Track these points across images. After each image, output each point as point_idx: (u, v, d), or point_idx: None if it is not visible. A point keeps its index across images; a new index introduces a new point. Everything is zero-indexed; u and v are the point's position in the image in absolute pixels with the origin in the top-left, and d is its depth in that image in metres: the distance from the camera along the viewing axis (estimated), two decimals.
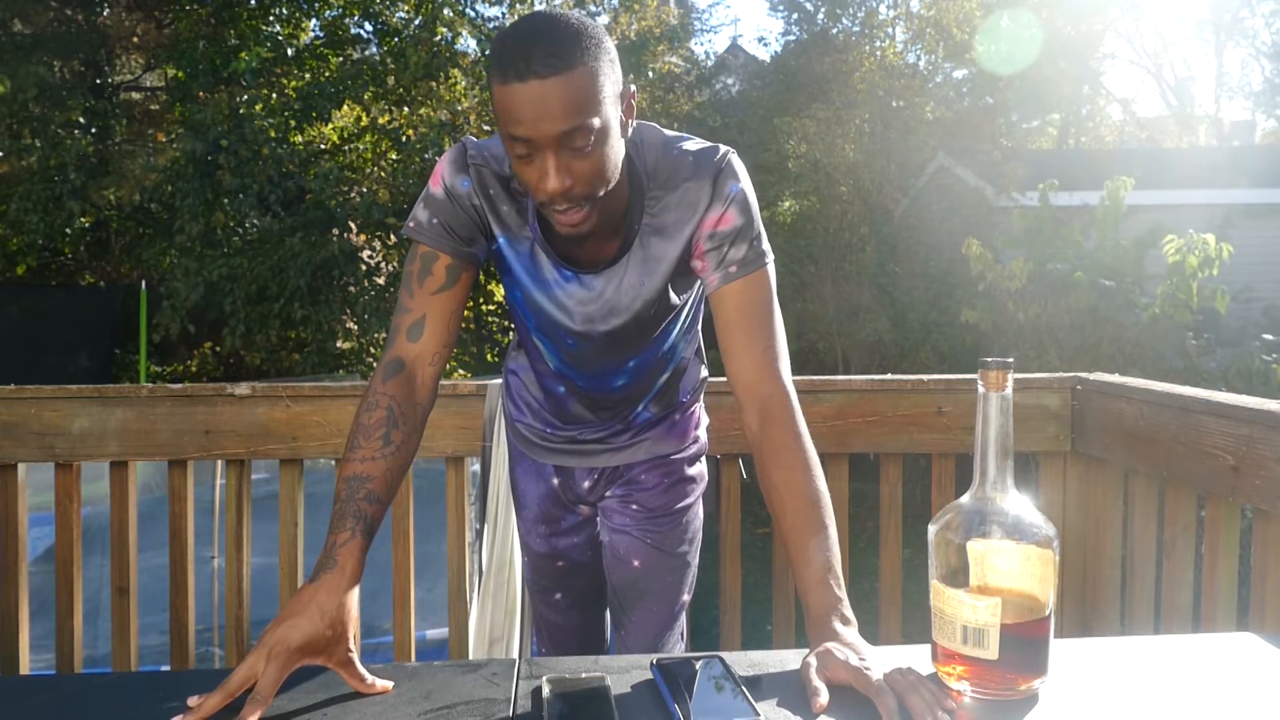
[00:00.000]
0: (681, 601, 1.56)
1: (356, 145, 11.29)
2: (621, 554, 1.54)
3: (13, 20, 9.84)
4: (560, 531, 1.57)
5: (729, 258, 1.20)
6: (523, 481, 1.59)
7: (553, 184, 1.06)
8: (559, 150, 1.05)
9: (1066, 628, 1.92)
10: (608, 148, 1.08)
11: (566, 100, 1.02)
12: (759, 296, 1.21)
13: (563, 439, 1.52)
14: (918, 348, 8.46)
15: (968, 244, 6.10)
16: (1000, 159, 10.24)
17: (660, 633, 1.54)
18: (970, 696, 0.89)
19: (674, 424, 1.53)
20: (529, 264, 1.29)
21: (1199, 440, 1.55)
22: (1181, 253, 5.35)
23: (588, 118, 1.03)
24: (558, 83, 1.01)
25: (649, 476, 1.52)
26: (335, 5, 11.09)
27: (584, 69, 1.03)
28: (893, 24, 13.57)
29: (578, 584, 1.62)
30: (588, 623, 1.65)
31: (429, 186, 1.24)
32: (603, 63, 1.05)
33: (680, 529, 1.54)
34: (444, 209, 1.22)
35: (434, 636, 3.04)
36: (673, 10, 16.26)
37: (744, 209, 1.21)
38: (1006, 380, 0.89)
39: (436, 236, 1.21)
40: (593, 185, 1.09)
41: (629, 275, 1.26)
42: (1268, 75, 18.98)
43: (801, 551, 1.07)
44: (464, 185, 1.22)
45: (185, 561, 1.95)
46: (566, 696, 0.90)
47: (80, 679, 1.03)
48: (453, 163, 1.24)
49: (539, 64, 1.01)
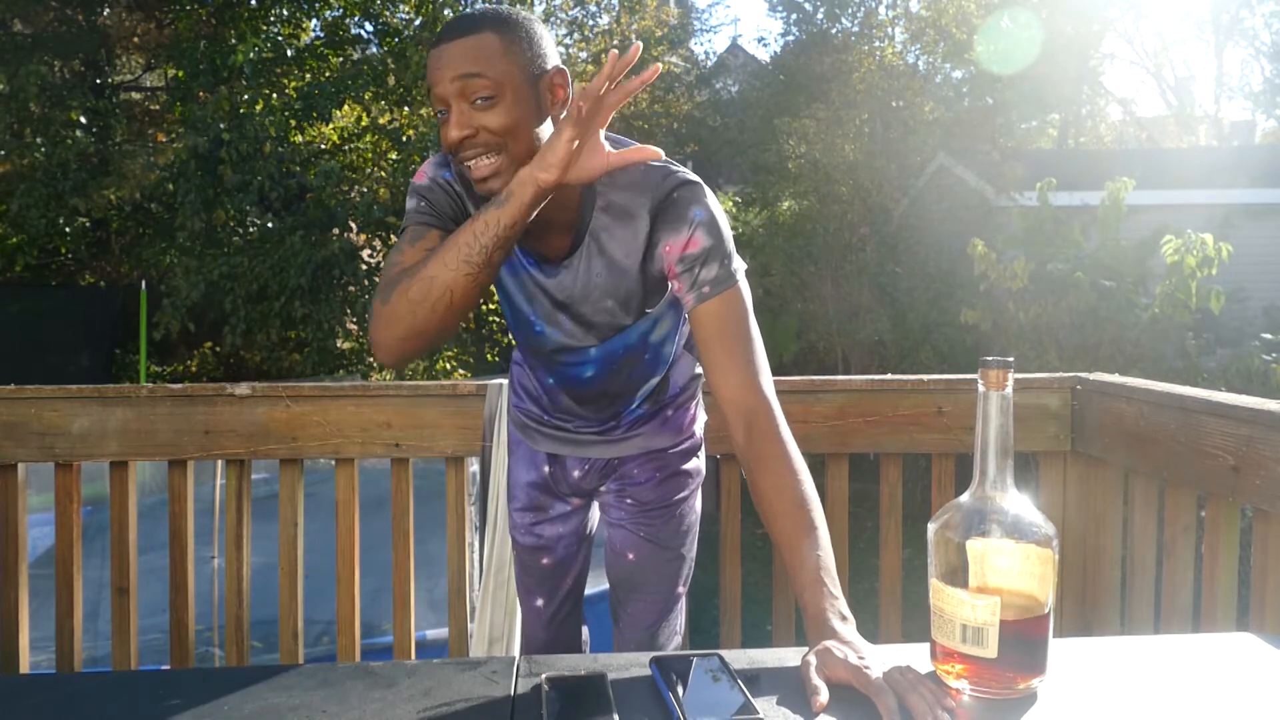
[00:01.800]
0: (677, 593, 1.58)
1: (357, 145, 11.29)
2: (617, 548, 1.58)
3: (13, 20, 9.84)
4: (548, 519, 1.60)
5: (701, 278, 1.24)
6: (515, 469, 1.62)
7: (454, 132, 1.15)
8: (459, 103, 1.15)
9: (1066, 627, 1.92)
10: (514, 107, 1.16)
11: (464, 54, 1.14)
12: (734, 313, 1.24)
13: (555, 425, 1.55)
14: (918, 348, 8.46)
15: (972, 244, 6.09)
16: (1000, 159, 10.24)
17: (655, 623, 1.57)
18: (969, 695, 0.89)
19: (666, 419, 1.55)
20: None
21: (1199, 440, 1.55)
22: (1180, 253, 5.35)
23: (482, 69, 1.14)
24: (459, 43, 1.15)
25: (642, 471, 1.55)
26: (336, 5, 11.09)
27: (488, 35, 1.15)
28: (892, 24, 13.58)
29: (561, 588, 1.64)
30: (561, 639, 1.68)
31: (413, 181, 1.32)
32: (512, 36, 1.16)
33: (675, 523, 1.56)
34: (431, 193, 1.29)
35: (434, 636, 3.03)
36: (672, 10, 16.27)
37: (711, 230, 1.24)
38: (1007, 380, 0.89)
39: (425, 216, 1.28)
40: (496, 137, 1.15)
41: (591, 267, 1.30)
42: (1268, 75, 18.98)
43: (794, 553, 1.09)
44: (445, 175, 1.31)
45: (185, 561, 1.95)
46: (566, 694, 0.90)
47: (80, 678, 1.03)
48: (434, 161, 1.33)
49: (447, 32, 1.16)
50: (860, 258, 9.81)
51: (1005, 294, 6.19)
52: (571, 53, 14.74)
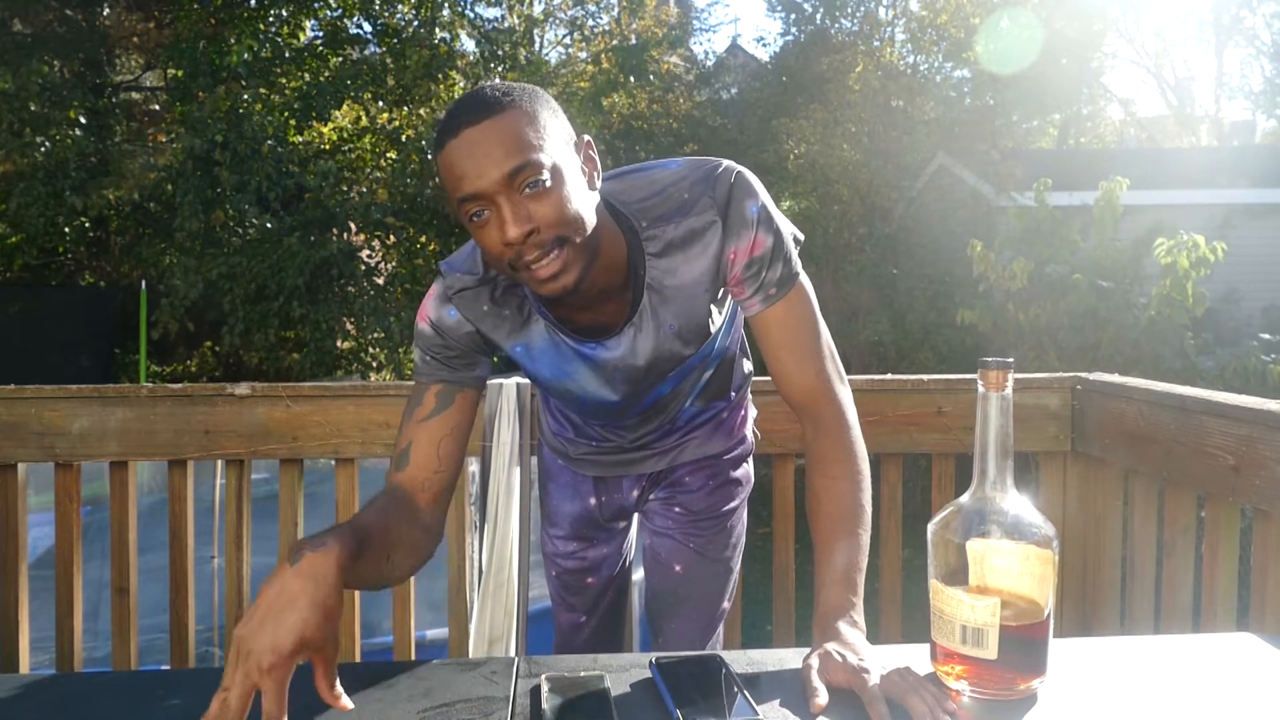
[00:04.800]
0: (722, 609, 1.52)
1: (356, 145, 11.29)
2: (663, 558, 1.51)
3: (13, 20, 9.83)
4: (593, 545, 1.55)
5: (767, 280, 1.15)
6: (556, 498, 1.55)
7: (512, 231, 0.97)
8: (510, 195, 0.98)
9: (1066, 628, 1.92)
10: (566, 188, 1.00)
11: (503, 138, 0.97)
12: (803, 314, 1.18)
13: (608, 450, 1.46)
14: (917, 349, 8.45)
15: (971, 245, 6.09)
16: (1000, 159, 10.24)
17: (699, 641, 1.50)
18: (969, 696, 0.89)
19: (720, 422, 1.48)
20: (551, 356, 1.22)
21: (1199, 440, 1.55)
22: (1173, 254, 5.35)
23: (531, 153, 0.98)
24: (490, 125, 0.98)
25: (694, 478, 1.49)
26: (335, 6, 11.08)
27: (516, 110, 0.99)
28: (891, 24, 13.58)
29: (603, 602, 1.60)
30: (602, 645, 1.63)
31: (417, 322, 1.20)
32: (538, 107, 1.02)
33: (724, 534, 1.50)
34: (432, 344, 1.18)
35: (434, 636, 3.03)
36: (672, 10, 16.28)
37: (769, 225, 1.14)
38: (1006, 380, 0.89)
39: (426, 370, 1.19)
40: (558, 227, 0.99)
41: (662, 319, 1.18)
42: (1268, 75, 19.00)
43: (827, 550, 1.07)
44: (450, 315, 1.18)
45: (185, 561, 1.95)
46: (565, 695, 0.90)
47: (80, 678, 1.03)
48: (436, 297, 1.19)
49: (467, 116, 0.98)
50: (859, 258, 9.81)
51: (1004, 295, 6.18)
52: (571, 53, 14.74)
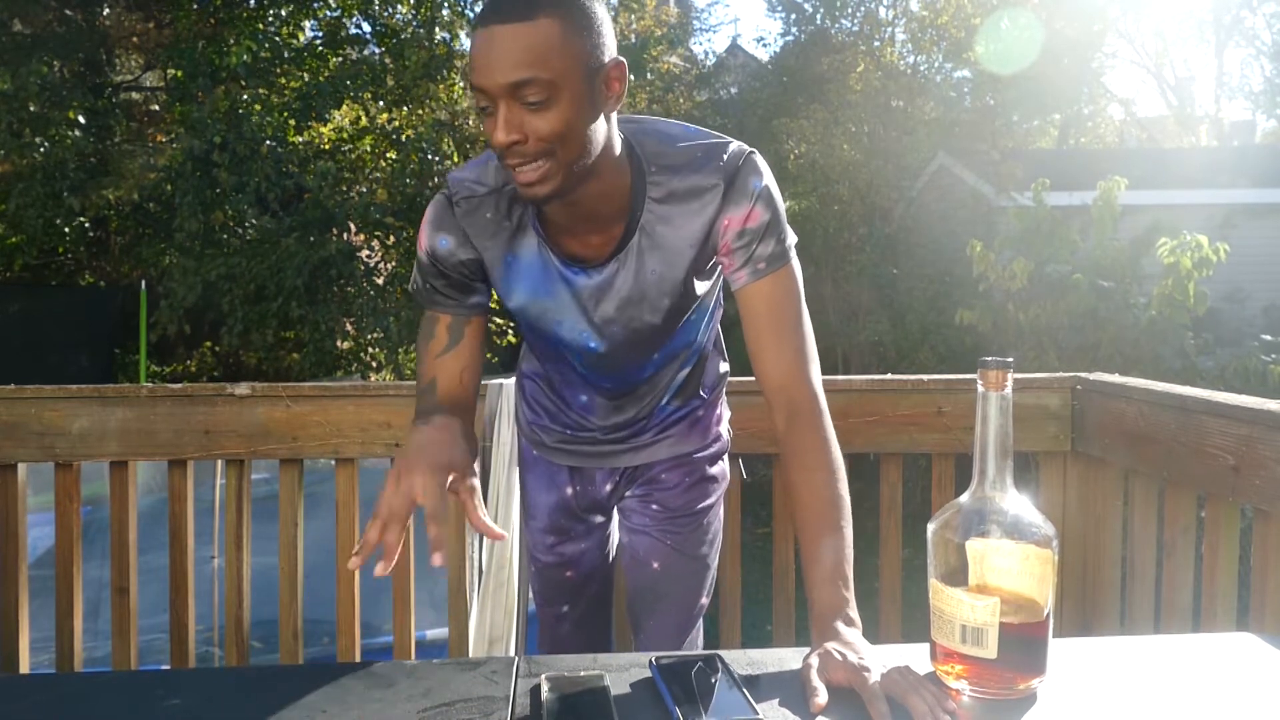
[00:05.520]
0: (700, 605, 1.54)
1: (356, 145, 11.28)
2: (640, 556, 1.52)
3: (12, 20, 9.83)
4: (570, 538, 1.55)
5: (757, 254, 1.18)
6: (533, 490, 1.56)
7: (499, 136, 1.04)
8: (509, 102, 1.03)
9: (1066, 628, 1.92)
10: (568, 110, 1.04)
11: (518, 49, 1.00)
12: (789, 293, 1.20)
13: (583, 439, 1.48)
14: (917, 349, 8.45)
15: (971, 245, 6.09)
16: (1000, 159, 10.24)
17: (678, 637, 1.52)
18: (969, 696, 0.89)
19: (696, 420, 1.49)
20: (537, 274, 1.25)
21: (1199, 440, 1.55)
22: (1175, 254, 5.34)
23: (538, 71, 1.01)
24: (513, 30, 1.00)
25: (670, 475, 1.50)
26: (334, 6, 11.08)
27: (547, 22, 1.01)
28: (891, 25, 13.58)
29: (586, 594, 1.60)
30: (592, 641, 1.64)
31: (417, 252, 1.26)
32: (574, 23, 1.03)
33: (700, 530, 1.51)
34: (429, 272, 1.25)
35: (434, 636, 3.03)
36: (672, 10, 16.28)
37: (769, 203, 1.18)
38: (1006, 380, 0.89)
39: (429, 298, 1.26)
40: (546, 144, 1.04)
41: (645, 263, 1.21)
42: (1268, 75, 19.00)
43: (813, 549, 1.07)
44: (443, 244, 1.23)
45: (185, 561, 1.95)
46: (565, 695, 0.90)
47: (80, 678, 1.03)
48: (430, 222, 1.24)
49: (502, 13, 1.01)
50: (859, 258, 9.82)
51: (1004, 295, 6.18)
52: None
